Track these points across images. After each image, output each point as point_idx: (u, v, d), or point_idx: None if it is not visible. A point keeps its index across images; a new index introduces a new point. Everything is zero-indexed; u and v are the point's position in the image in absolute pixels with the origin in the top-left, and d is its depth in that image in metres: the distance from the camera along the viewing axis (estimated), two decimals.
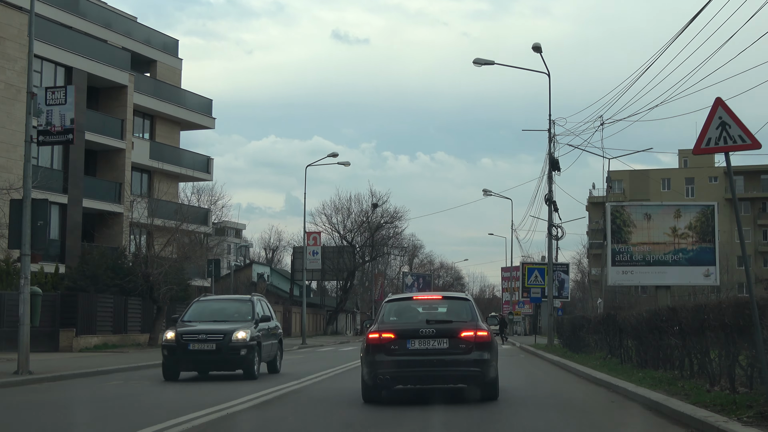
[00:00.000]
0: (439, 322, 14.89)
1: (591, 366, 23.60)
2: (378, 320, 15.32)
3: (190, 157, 58.52)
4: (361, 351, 15.13)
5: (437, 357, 14.26)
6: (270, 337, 23.21)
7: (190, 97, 58.89)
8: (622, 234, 35.50)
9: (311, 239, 56.66)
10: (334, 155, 54.76)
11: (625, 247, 35.50)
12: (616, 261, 35.51)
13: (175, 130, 58.40)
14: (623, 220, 35.60)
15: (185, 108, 57.77)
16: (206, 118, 59.86)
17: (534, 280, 44.08)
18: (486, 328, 14.82)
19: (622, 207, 36.24)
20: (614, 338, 25.08)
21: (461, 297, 16.75)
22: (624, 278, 35.48)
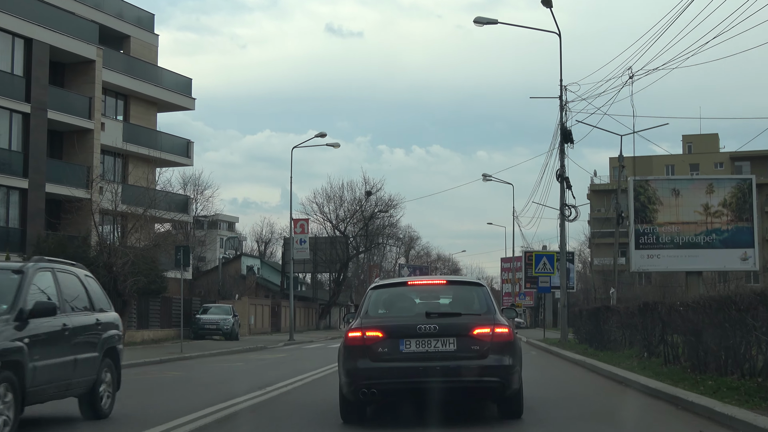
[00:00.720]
0: (443, 316, 11.06)
1: (626, 367, 18.96)
2: (361, 313, 11.57)
3: (168, 141, 53.60)
4: (339, 354, 11.43)
5: (441, 363, 10.54)
6: (76, 348, 11.71)
7: (167, 75, 53.97)
8: (647, 213, 30.73)
9: (298, 227, 51.59)
10: (321, 135, 49.92)
11: (651, 227, 30.72)
12: (640, 243, 30.74)
13: (152, 111, 53.48)
14: (648, 196, 30.82)
15: (162, 87, 52.83)
16: (185, 98, 54.93)
17: (542, 269, 39.25)
18: (507, 323, 11.08)
19: (647, 182, 31.41)
20: (653, 333, 20.32)
21: (472, 282, 12.80)
22: (649, 263, 30.73)
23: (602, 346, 25.63)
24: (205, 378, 21.05)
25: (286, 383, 18.23)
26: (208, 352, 33.76)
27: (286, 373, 21.78)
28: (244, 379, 20.51)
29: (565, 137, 33.32)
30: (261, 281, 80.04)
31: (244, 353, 35.27)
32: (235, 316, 48.59)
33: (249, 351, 37.21)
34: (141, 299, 42.12)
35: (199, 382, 19.81)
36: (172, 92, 53.62)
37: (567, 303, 35.67)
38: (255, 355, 33.81)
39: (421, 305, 11.77)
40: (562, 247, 35.03)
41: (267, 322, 63.36)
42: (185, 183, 74.78)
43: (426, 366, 10.54)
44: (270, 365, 26.32)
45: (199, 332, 46.36)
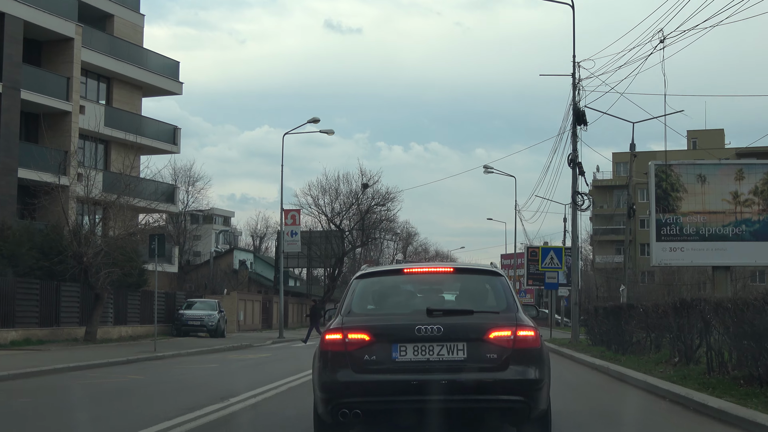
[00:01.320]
0: (450, 314, 8.52)
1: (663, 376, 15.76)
2: (342, 310, 8.94)
3: (153, 127, 50.34)
4: (313, 363, 8.87)
5: (446, 376, 8.09)
6: None
7: (153, 57, 50.65)
8: (670, 201, 27.42)
9: (289, 218, 48.16)
10: (314, 121, 46.73)
11: (674, 217, 27.42)
12: (662, 235, 27.43)
13: (136, 96, 50.18)
14: (671, 183, 27.50)
15: (147, 70, 49.49)
16: (172, 81, 51.61)
17: (549, 264, 36.02)
18: (532, 325, 8.55)
19: (670, 166, 28.02)
20: (691, 336, 17.15)
21: (488, 270, 9.74)
22: (672, 257, 27.44)
23: (623, 348, 22.45)
24: (164, 384, 17.84)
25: (258, 392, 15.11)
26: (186, 350, 30.54)
27: (262, 377, 18.65)
28: (210, 385, 17.31)
29: (578, 118, 30.17)
30: (254, 276, 76.92)
31: (226, 352, 32.05)
32: (221, 311, 45.36)
33: (232, 350, 34.01)
34: (118, 293, 38.90)
35: (154, 389, 16.60)
36: (158, 75, 50.31)
37: (579, 300, 32.49)
38: (237, 354, 30.60)
39: (420, 300, 9.16)
40: (573, 239, 31.87)
41: (258, 319, 60.12)
42: (176, 174, 71.62)
43: (426, 380, 8.08)
44: (248, 367, 23.14)
45: (183, 329, 43.16)
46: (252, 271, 77.90)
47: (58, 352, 27.52)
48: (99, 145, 47.12)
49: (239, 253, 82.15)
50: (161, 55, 51.54)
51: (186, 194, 72.37)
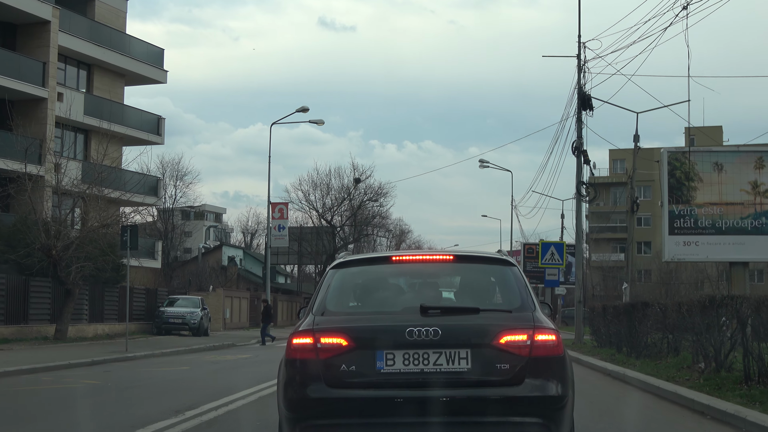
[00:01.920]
0: (449, 313, 6.87)
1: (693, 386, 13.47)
2: (314, 307, 7.16)
3: (136, 116, 47.90)
4: (278, 374, 7.08)
5: (446, 392, 6.46)
6: None
7: (136, 44, 48.23)
8: (684, 191, 25.17)
9: (277, 211, 45.65)
10: (303, 110, 44.30)
11: (688, 209, 25.16)
12: (675, 228, 25.15)
13: (118, 84, 47.75)
14: (685, 172, 25.24)
15: (130, 57, 47.07)
16: (156, 69, 49.16)
17: (550, 260, 33.70)
18: (553, 327, 6.85)
19: (684, 154, 25.69)
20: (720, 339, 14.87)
21: (497, 258, 7.71)
22: (686, 251, 25.17)
23: (636, 351, 20.14)
24: (117, 391, 15.47)
25: (222, 402, 12.83)
26: (160, 350, 28.19)
27: (233, 383, 16.35)
28: (170, 392, 14.99)
29: (583, 103, 27.84)
30: (243, 273, 74.55)
31: (204, 352, 29.70)
32: (204, 309, 42.96)
33: (211, 350, 31.65)
34: (94, 289, 36.56)
35: (102, 399, 14.23)
36: (141, 63, 47.89)
37: (583, 298, 30.20)
38: (215, 355, 28.23)
39: (412, 295, 7.45)
40: (578, 232, 29.60)
41: (245, 316, 57.69)
42: (164, 168, 69.27)
43: (419, 397, 6.44)
44: (222, 370, 20.81)
45: (163, 327, 40.76)
46: (241, 267, 75.54)
47: (20, 352, 25.20)
48: (78, 134, 44.98)
49: (228, 249, 79.78)
50: (145, 41, 49.16)
51: (174, 189, 70.06)
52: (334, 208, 68.95)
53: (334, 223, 68.93)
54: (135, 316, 41.40)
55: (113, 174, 36.27)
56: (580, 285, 29.05)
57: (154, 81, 49.98)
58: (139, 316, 41.65)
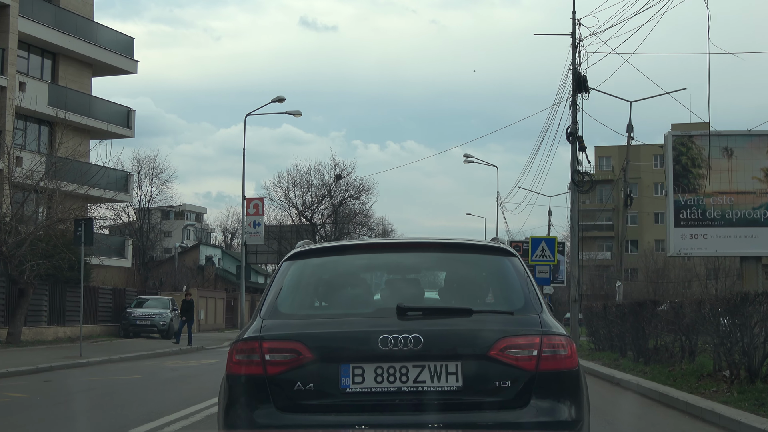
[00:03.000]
0: (434, 315, 5.31)
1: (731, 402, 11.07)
2: (263, 309, 5.45)
3: (104, 108, 45.25)
4: (219, 394, 5.41)
5: (431, 417, 4.94)
6: None
7: (105, 32, 45.58)
8: (690, 179, 22.80)
9: (252, 207, 42.95)
10: (279, 100, 41.67)
11: (695, 198, 22.79)
12: (681, 219, 22.78)
13: (86, 74, 45.10)
14: (691, 157, 22.86)
15: (98, 46, 44.43)
16: (125, 59, 46.51)
17: (541, 256, 31.27)
18: (565, 333, 5.22)
19: (691, 138, 23.31)
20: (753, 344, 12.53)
21: (492, 247, 5.96)
22: (693, 245, 22.77)
23: (644, 356, 17.75)
24: (41, 408, 12.97)
25: (160, 423, 10.36)
26: (119, 355, 25.66)
27: (185, 396, 14.01)
28: (105, 409, 12.55)
29: (579, 85, 25.50)
30: (221, 273, 71.98)
31: (167, 357, 27.21)
32: (174, 310, 40.40)
33: (177, 354, 29.17)
34: (55, 289, 33.97)
35: (12, 421, 11.73)
36: (110, 52, 45.23)
37: (579, 296, 27.81)
38: (177, 360, 25.73)
39: (387, 293, 5.86)
40: (573, 226, 27.25)
41: (221, 318, 55.19)
42: (139, 165, 66.59)
43: (396, 424, 5.04)
44: (178, 379, 18.32)
45: (131, 329, 38.19)
46: (219, 267, 72.98)
47: None
48: (43, 126, 42.38)
49: (206, 248, 77.17)
50: (113, 30, 46.52)
51: (150, 186, 67.38)
52: (315, 206, 66.45)
53: (314, 221, 66.41)
54: (101, 318, 38.89)
55: (75, 167, 33.73)
56: (575, 282, 26.71)
57: (124, 71, 47.32)
58: (105, 317, 39.08)
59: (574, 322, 26.00)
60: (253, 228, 42.57)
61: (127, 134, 46.75)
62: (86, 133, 44.01)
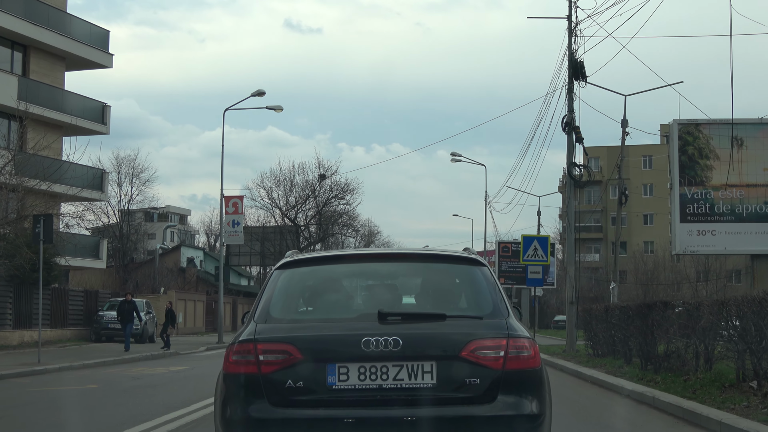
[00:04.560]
0: (411, 320, 5.95)
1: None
2: (257, 314, 6.11)
3: (78, 102, 43.20)
4: (216, 392, 6.13)
5: (408, 411, 5.65)
6: None
7: (79, 24, 43.51)
8: (697, 171, 21.00)
9: (231, 205, 40.87)
10: (259, 94, 39.74)
11: (702, 191, 21.01)
12: (687, 214, 20.99)
13: (59, 67, 43.05)
14: (699, 147, 21.05)
15: (71, 38, 42.41)
16: (100, 53, 44.44)
17: (533, 256, 29.49)
18: (529, 336, 5.94)
19: (698, 126, 21.45)
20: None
21: (464, 257, 6.53)
22: (700, 242, 20.97)
23: (654, 363, 15.91)
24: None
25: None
26: (81, 362, 23.68)
27: (140, 411, 12.14)
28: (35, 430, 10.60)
29: (575, 72, 23.69)
30: (203, 275, 69.94)
31: (135, 363, 25.25)
32: (149, 313, 38.43)
33: (147, 359, 27.22)
34: (20, 290, 31.94)
35: None
36: (84, 45, 43.14)
37: (576, 298, 25.97)
38: (146, 366, 23.74)
39: (369, 299, 6.43)
40: (570, 222, 25.42)
41: (201, 321, 53.12)
42: (119, 164, 64.52)
43: (378, 417, 5.61)
44: (136, 390, 16.37)
45: (103, 333, 36.15)
46: (201, 269, 70.93)
47: None
48: (12, 122, 40.36)
49: (187, 250, 75.08)
50: (88, 22, 44.43)
51: (130, 186, 65.28)
52: (298, 206, 64.53)
53: (298, 221, 64.50)
54: (72, 322, 36.87)
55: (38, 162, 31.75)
56: (571, 283, 24.88)
57: (99, 65, 45.24)
58: (76, 321, 37.05)
59: (570, 325, 24.17)
60: (232, 227, 40.58)
61: (102, 130, 44.70)
62: (59, 128, 41.96)
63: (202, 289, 66.00)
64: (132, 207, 67.73)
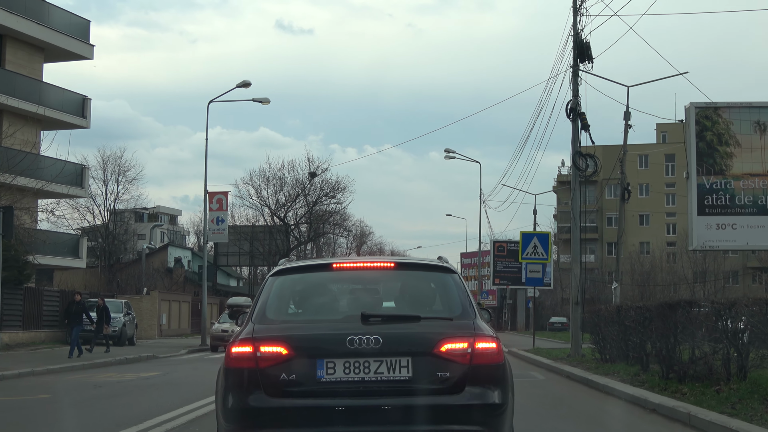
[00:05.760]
0: (390, 321, 6.80)
1: None
2: (254, 315, 6.91)
3: (57, 95, 41.24)
4: (217, 385, 6.87)
5: (386, 401, 6.43)
6: None
7: (58, 14, 41.51)
8: (717, 158, 19.06)
9: (215, 202, 38.67)
10: (245, 85, 37.69)
11: (722, 181, 19.06)
12: (705, 206, 19.02)
13: (36, 58, 41.05)
14: (718, 133, 19.11)
15: (49, 27, 40.44)
16: (80, 43, 42.42)
17: (532, 253, 27.53)
18: (493, 334, 6.76)
19: (717, 110, 19.48)
20: None
21: (437, 266, 7.44)
22: (720, 236, 18.99)
23: (677, 372, 13.93)
24: None
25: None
26: (45, 367, 21.66)
27: (82, 430, 10.08)
28: None
29: (581, 53, 21.77)
30: (191, 275, 67.86)
31: (106, 368, 23.24)
32: (128, 314, 36.38)
33: (121, 363, 25.23)
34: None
35: None
36: (63, 35, 41.19)
37: (582, 299, 24.04)
38: (115, 372, 21.69)
39: (353, 303, 7.23)
40: (574, 217, 23.51)
41: (186, 322, 51.01)
42: (105, 163, 62.41)
43: (360, 406, 6.38)
44: (90, 402, 14.34)
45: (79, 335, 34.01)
46: (189, 270, 68.82)
47: None
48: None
49: (175, 250, 72.97)
50: (67, 11, 42.53)
51: (116, 185, 63.14)
52: (288, 205, 62.50)
53: (288, 220, 62.47)
54: (46, 323, 34.82)
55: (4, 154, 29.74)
56: (577, 282, 22.91)
57: (79, 57, 43.23)
58: (52, 322, 34.96)
59: (575, 327, 22.22)
60: (216, 225, 38.48)
61: (82, 124, 42.74)
62: (36, 122, 39.90)
63: (190, 289, 63.95)
64: (120, 206, 65.67)
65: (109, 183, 63.17)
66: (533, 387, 15.77)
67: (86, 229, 62.43)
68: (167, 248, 71.56)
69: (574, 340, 22.27)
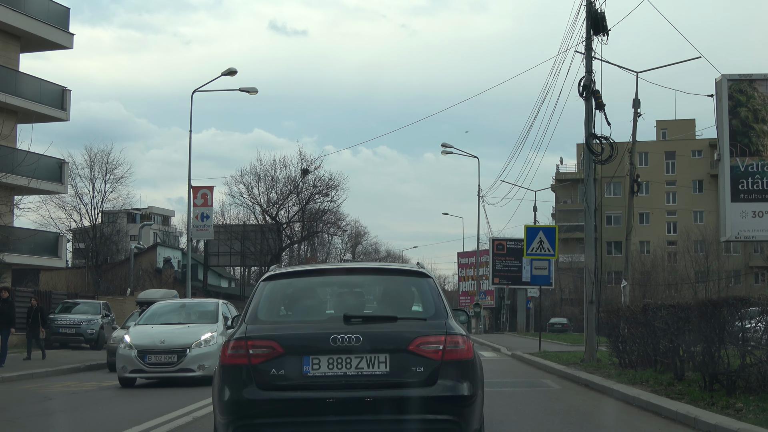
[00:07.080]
0: (370, 321, 7.45)
1: None
2: (247, 316, 7.58)
3: (34, 86, 38.90)
4: (213, 381, 7.59)
5: (366, 393, 7.05)
6: None
7: (35, 0, 39.18)
8: (752, 137, 16.70)
9: (199, 197, 36.27)
10: (230, 73, 35.38)
11: (759, 163, 16.70)
12: (740, 192, 16.68)
13: (12, 47, 38.72)
14: (754, 109, 16.75)
15: (26, 14, 38.09)
16: (59, 32, 40.01)
17: (538, 249, 25.18)
18: (463, 333, 7.40)
19: (752, 84, 17.11)
20: None
21: (413, 270, 8.20)
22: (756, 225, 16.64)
23: (725, 382, 11.61)
24: None
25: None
26: (2, 375, 19.33)
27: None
28: None
29: (595, 24, 19.46)
30: (180, 276, 65.31)
31: (68, 375, 20.93)
32: (106, 316, 34.01)
33: (87, 370, 22.95)
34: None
35: None
36: (40, 23, 38.86)
37: (597, 297, 21.73)
38: (77, 380, 19.29)
39: (337, 305, 7.90)
40: (588, 206, 21.19)
41: None
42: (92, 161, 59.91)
43: (342, 398, 6.99)
44: (22, 421, 12.01)
45: (54, 338, 31.64)
46: (179, 270, 66.39)
47: None
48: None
49: (164, 250, 70.57)
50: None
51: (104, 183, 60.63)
52: (280, 203, 60.13)
53: (280, 219, 60.10)
54: (20, 326, 32.35)
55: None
56: (591, 279, 20.54)
57: (58, 46, 40.88)
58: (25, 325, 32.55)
59: (590, 330, 19.85)
60: (201, 221, 36.15)
61: (61, 117, 40.43)
62: (12, 114, 37.64)
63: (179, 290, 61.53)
64: (108, 206, 63.18)
65: (96, 181, 60.82)
66: (551, 400, 13.44)
67: (75, 230, 60.16)
68: (156, 248, 69.17)
69: (589, 343, 19.89)
